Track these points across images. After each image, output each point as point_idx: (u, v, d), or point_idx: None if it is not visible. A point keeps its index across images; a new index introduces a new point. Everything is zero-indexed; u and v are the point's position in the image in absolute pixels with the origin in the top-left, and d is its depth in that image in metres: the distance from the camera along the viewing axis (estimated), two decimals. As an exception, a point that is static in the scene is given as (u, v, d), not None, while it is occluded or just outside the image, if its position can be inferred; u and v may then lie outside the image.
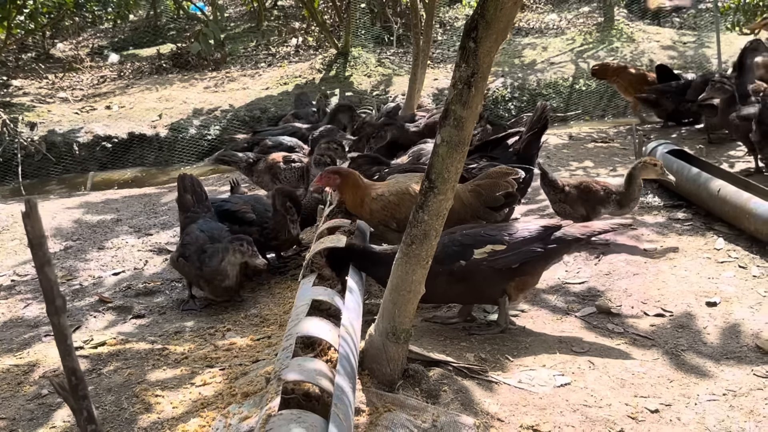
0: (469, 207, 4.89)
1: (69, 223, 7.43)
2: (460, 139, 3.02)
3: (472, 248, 4.22)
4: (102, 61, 17.55)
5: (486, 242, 4.24)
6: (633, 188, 5.67)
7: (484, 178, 5.00)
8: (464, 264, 4.18)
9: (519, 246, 4.22)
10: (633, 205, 5.79)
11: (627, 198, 5.72)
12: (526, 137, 5.79)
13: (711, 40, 14.52)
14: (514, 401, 3.53)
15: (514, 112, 13.50)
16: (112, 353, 4.44)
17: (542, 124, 5.74)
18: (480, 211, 4.90)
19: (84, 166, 12.42)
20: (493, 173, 4.99)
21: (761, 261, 5.21)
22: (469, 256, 4.19)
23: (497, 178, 4.95)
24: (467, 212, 4.87)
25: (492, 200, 4.91)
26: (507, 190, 4.89)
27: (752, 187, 5.83)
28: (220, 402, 3.53)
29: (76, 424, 3.50)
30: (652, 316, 4.59)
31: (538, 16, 18.83)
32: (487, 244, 4.23)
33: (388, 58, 15.78)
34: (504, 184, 4.90)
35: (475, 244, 4.24)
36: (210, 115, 13.20)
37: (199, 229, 5.43)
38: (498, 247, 4.21)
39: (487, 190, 4.92)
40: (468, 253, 4.21)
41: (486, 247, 4.22)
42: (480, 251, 4.20)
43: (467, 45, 2.89)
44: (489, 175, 5.00)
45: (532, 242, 4.25)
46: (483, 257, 4.19)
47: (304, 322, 3.37)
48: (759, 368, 3.90)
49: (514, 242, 4.23)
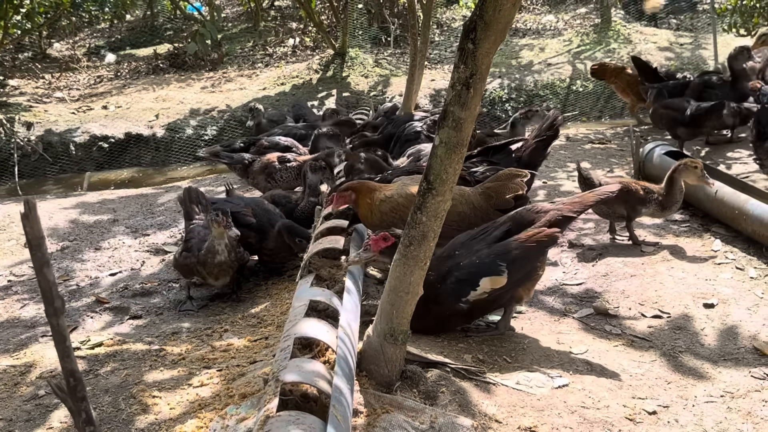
0: (479, 210, 4.88)
1: (65, 224, 7.42)
2: (458, 141, 3.01)
3: (468, 287, 4.11)
4: (99, 60, 17.53)
5: (482, 275, 4.11)
6: (674, 191, 5.60)
7: (494, 181, 5.01)
8: (465, 307, 4.16)
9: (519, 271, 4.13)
10: (675, 207, 5.71)
11: (669, 200, 5.65)
12: (533, 143, 5.77)
13: (708, 42, 14.54)
14: (512, 402, 3.53)
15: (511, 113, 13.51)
16: (109, 354, 4.43)
17: (552, 132, 5.70)
18: (490, 213, 4.89)
19: (80, 166, 12.41)
20: (502, 176, 5.01)
21: (758, 263, 5.22)
22: (467, 294, 4.12)
23: (506, 180, 4.95)
24: (477, 215, 4.87)
25: (503, 203, 4.91)
26: (517, 193, 4.90)
27: (749, 189, 5.84)
28: (218, 403, 3.52)
29: (73, 425, 3.50)
30: (649, 317, 4.59)
31: (535, 17, 18.83)
32: (483, 277, 4.10)
33: (386, 58, 15.77)
34: (513, 187, 4.91)
35: (470, 279, 4.12)
36: (207, 115, 13.19)
37: (202, 227, 5.53)
38: (497, 281, 4.09)
39: (497, 192, 4.93)
40: (465, 291, 4.12)
41: (484, 282, 4.09)
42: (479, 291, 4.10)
43: (466, 46, 2.89)
44: (498, 178, 5.01)
45: (532, 262, 4.18)
46: (483, 297, 4.12)
47: (302, 323, 3.36)
48: (756, 370, 3.90)
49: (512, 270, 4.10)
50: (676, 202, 5.68)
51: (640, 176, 7.27)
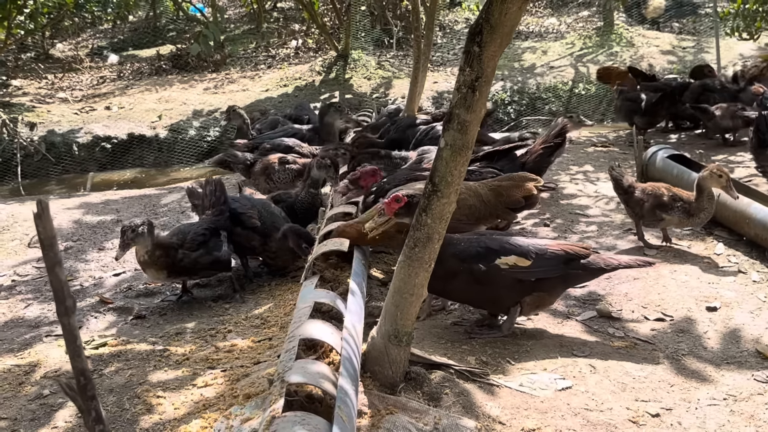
0: (488, 204, 4.92)
1: (69, 224, 7.43)
2: (464, 143, 3.03)
3: (496, 254, 4.19)
4: (101, 61, 17.57)
5: (512, 252, 4.20)
6: (702, 198, 5.49)
7: (506, 180, 5.04)
8: (484, 268, 4.16)
9: (542, 265, 4.19)
10: (704, 216, 5.55)
11: (697, 208, 5.52)
12: (539, 149, 5.78)
13: (710, 46, 14.56)
14: (516, 404, 3.54)
15: (514, 116, 13.52)
16: (114, 354, 4.44)
17: (560, 140, 5.68)
18: (499, 209, 4.92)
19: (83, 166, 12.42)
20: (516, 177, 5.07)
21: (761, 266, 5.23)
22: (491, 261, 4.18)
23: (520, 181, 5.00)
24: (486, 209, 4.90)
25: (513, 201, 4.94)
26: (529, 193, 4.93)
27: (752, 192, 5.85)
28: (222, 403, 3.53)
29: (78, 425, 3.51)
30: (652, 320, 4.60)
31: (538, 20, 18.86)
32: (512, 254, 4.19)
33: (388, 60, 15.79)
34: (526, 188, 4.94)
35: (500, 250, 4.20)
36: (210, 116, 13.21)
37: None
38: (522, 261, 4.18)
39: (508, 191, 4.95)
40: (491, 257, 4.18)
41: (511, 257, 4.18)
42: (504, 260, 4.17)
43: (471, 49, 2.90)
44: (511, 178, 5.06)
45: (557, 265, 4.22)
46: (505, 267, 4.18)
47: (307, 324, 3.37)
48: (759, 373, 3.91)
49: (539, 260, 4.19)
50: (704, 210, 5.53)
51: (643, 179, 7.28)
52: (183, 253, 5.32)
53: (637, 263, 4.36)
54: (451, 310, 4.85)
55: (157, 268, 5.29)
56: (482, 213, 4.89)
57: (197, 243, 5.39)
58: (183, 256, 5.32)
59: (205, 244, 5.42)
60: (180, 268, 5.35)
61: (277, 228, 5.69)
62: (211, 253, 5.43)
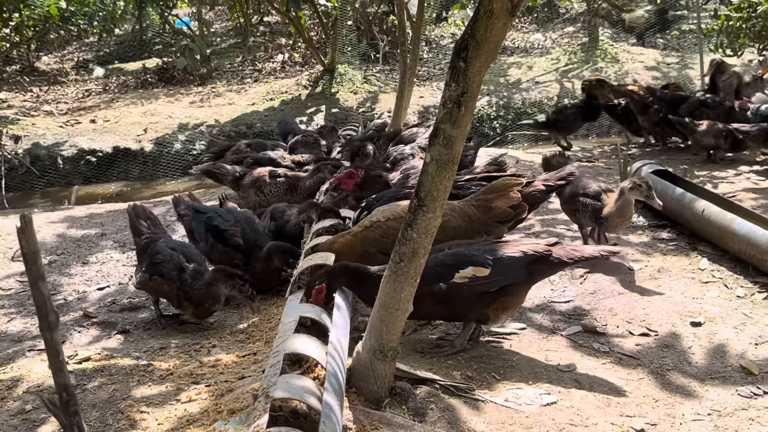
0: (476, 222, 4.81)
1: (53, 238, 7.40)
2: (449, 158, 3.03)
3: (454, 269, 4.13)
4: (87, 74, 17.53)
5: (468, 263, 4.14)
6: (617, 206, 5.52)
7: (490, 193, 4.95)
8: (444, 287, 4.13)
9: (502, 272, 4.12)
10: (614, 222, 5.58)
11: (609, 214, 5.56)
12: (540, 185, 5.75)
13: (694, 62, 14.67)
14: (501, 420, 3.53)
15: (500, 131, 13.57)
16: (97, 369, 4.41)
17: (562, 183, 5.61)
18: (489, 225, 4.85)
19: (68, 179, 12.38)
20: (499, 186, 4.95)
21: (745, 281, 5.25)
22: (449, 278, 4.13)
23: (504, 190, 4.91)
24: (474, 227, 4.80)
25: (501, 214, 4.87)
26: (517, 202, 4.88)
27: (736, 208, 5.89)
28: (206, 419, 3.51)
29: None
30: (637, 335, 4.61)
31: (524, 36, 18.97)
32: (469, 266, 4.13)
33: (375, 75, 15.84)
34: (512, 197, 4.88)
35: (457, 264, 4.14)
36: (195, 129, 13.20)
37: (169, 247, 5.33)
38: (480, 271, 4.10)
39: (495, 203, 4.88)
40: (450, 274, 4.12)
41: (468, 269, 4.12)
42: (461, 274, 4.10)
43: (457, 64, 2.91)
44: (493, 189, 4.96)
45: (517, 268, 4.15)
46: (463, 281, 4.13)
47: (292, 339, 3.36)
48: (743, 388, 3.92)
49: (497, 267, 4.11)
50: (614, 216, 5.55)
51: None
52: None
53: (601, 254, 4.27)
54: (436, 324, 4.84)
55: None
56: (469, 233, 4.80)
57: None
58: None
59: None
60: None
61: (260, 246, 5.61)
62: None
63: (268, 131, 12.88)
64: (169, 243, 5.41)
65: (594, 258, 4.31)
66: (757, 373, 4.07)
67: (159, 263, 5.19)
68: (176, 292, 5.12)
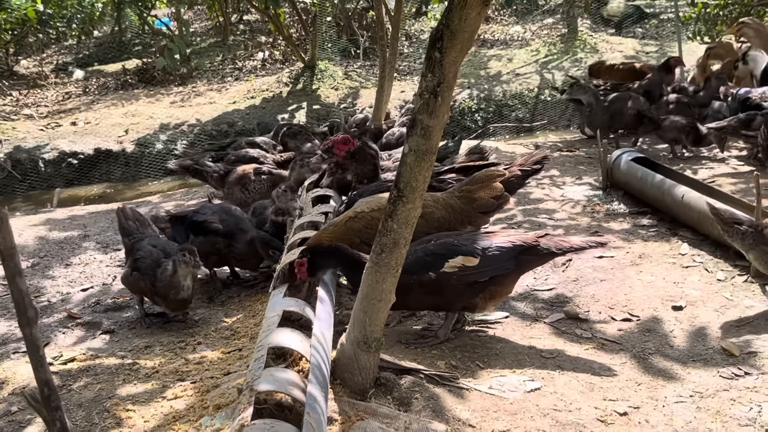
0: (460, 213, 4.84)
1: (35, 241, 7.37)
2: (427, 148, 3.05)
3: (444, 258, 4.18)
4: (67, 77, 17.43)
5: (458, 252, 4.19)
6: None
7: (473, 184, 4.99)
8: (434, 276, 4.17)
9: (491, 262, 4.18)
10: None
11: None
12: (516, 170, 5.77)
13: (673, 50, 14.75)
14: (485, 407, 3.56)
15: (481, 123, 13.60)
16: (82, 369, 4.41)
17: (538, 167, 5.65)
18: (472, 215, 4.89)
19: (50, 182, 12.32)
20: (482, 177, 4.99)
21: (725, 265, 5.29)
22: (439, 268, 4.18)
23: (487, 180, 4.95)
24: (457, 218, 4.83)
25: (485, 204, 4.91)
26: (500, 192, 4.92)
27: (716, 193, 5.93)
28: (192, 415, 3.52)
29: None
30: (619, 320, 4.65)
31: (503, 28, 19.01)
32: (458, 255, 4.19)
33: (355, 70, 15.84)
34: (495, 187, 4.92)
35: (447, 254, 4.19)
36: (177, 129, 13.16)
37: (151, 245, 5.34)
38: (470, 261, 4.16)
39: (478, 194, 4.91)
40: (439, 263, 4.18)
41: (457, 258, 4.18)
42: (451, 263, 4.16)
43: (433, 55, 2.93)
44: (477, 180, 5.00)
45: (506, 258, 4.21)
46: (453, 271, 4.18)
47: (276, 333, 3.37)
48: (725, 370, 3.96)
49: (486, 258, 4.18)
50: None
51: (608, 183, 7.36)
52: None
53: (588, 244, 4.34)
54: (420, 315, 4.87)
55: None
56: (452, 223, 4.84)
57: None
58: None
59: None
60: None
61: (242, 230, 5.68)
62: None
63: (249, 129, 12.86)
64: (152, 241, 5.41)
65: (581, 248, 4.36)
66: (738, 355, 4.11)
67: (138, 259, 5.22)
68: (149, 287, 5.14)
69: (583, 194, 7.42)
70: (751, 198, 5.23)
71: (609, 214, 6.67)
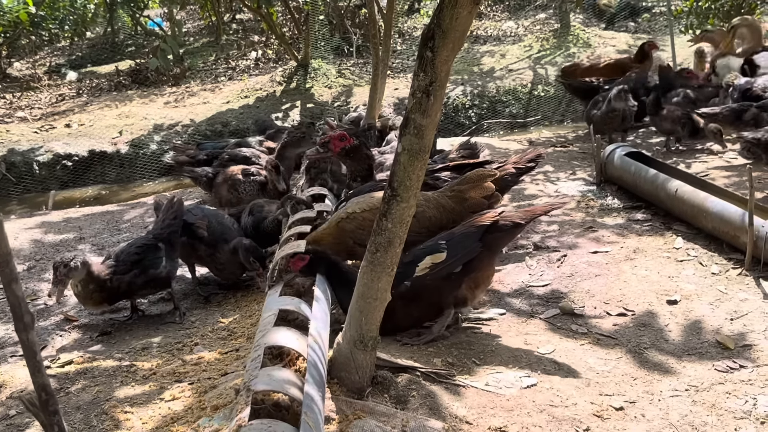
0: (451, 212, 4.87)
1: (31, 244, 7.36)
2: (420, 147, 3.06)
3: (413, 265, 4.26)
4: (60, 79, 17.39)
5: (424, 255, 4.29)
6: None
7: (465, 183, 5.02)
8: (409, 285, 4.21)
9: (457, 250, 4.26)
10: None
11: None
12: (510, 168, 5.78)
13: (665, 44, 14.75)
14: (482, 404, 3.57)
15: (475, 120, 13.62)
16: (80, 371, 4.42)
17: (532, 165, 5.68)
18: (464, 215, 4.91)
19: (44, 185, 12.28)
20: (472, 177, 5.02)
21: (720, 258, 5.32)
22: (411, 274, 4.24)
23: (478, 180, 4.98)
24: (449, 218, 4.86)
25: (476, 204, 4.93)
26: (491, 192, 4.95)
27: (709, 187, 5.95)
28: (190, 416, 3.53)
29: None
30: (614, 315, 4.67)
31: (496, 24, 19.01)
32: (425, 256, 4.27)
33: (349, 68, 15.83)
34: (486, 187, 4.95)
35: (415, 259, 4.28)
36: (171, 130, 13.14)
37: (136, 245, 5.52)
38: (437, 257, 4.25)
39: (469, 193, 4.94)
40: (410, 271, 4.24)
41: (425, 260, 4.25)
42: (421, 266, 4.24)
43: (425, 54, 2.94)
44: (467, 180, 5.02)
45: (471, 243, 4.29)
46: (425, 272, 4.24)
47: (272, 332, 3.38)
48: (720, 363, 3.98)
49: (452, 248, 4.26)
50: None
51: (602, 178, 7.38)
52: (117, 278, 5.15)
53: (551, 207, 4.70)
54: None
55: (94, 302, 5.17)
56: (444, 222, 4.86)
57: (130, 263, 5.23)
58: (118, 281, 5.16)
59: (140, 263, 5.25)
60: (117, 294, 5.24)
61: (226, 240, 5.66)
62: (147, 271, 5.27)
63: (243, 129, 12.86)
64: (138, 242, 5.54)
65: (544, 212, 4.61)
66: (733, 348, 4.14)
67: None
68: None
69: (577, 189, 7.45)
70: (745, 191, 5.24)
71: (603, 209, 6.69)
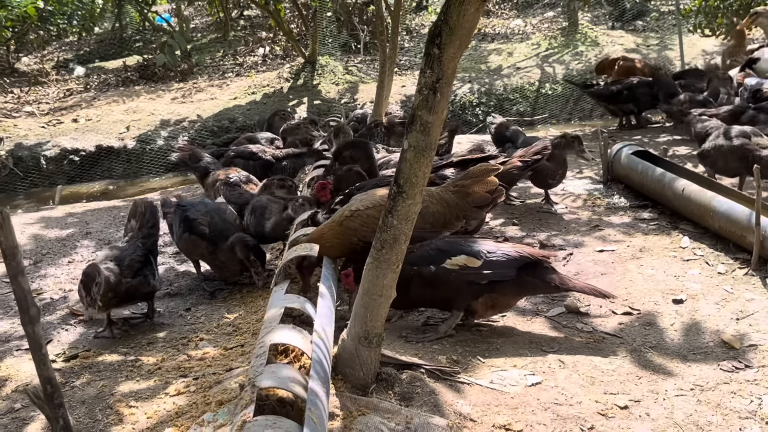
0: (455, 207, 4.85)
1: (37, 238, 7.38)
2: (427, 144, 3.06)
3: (446, 254, 4.26)
4: (68, 74, 17.42)
5: (462, 252, 4.26)
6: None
7: (468, 178, 5.00)
8: (433, 270, 4.22)
9: (492, 267, 4.22)
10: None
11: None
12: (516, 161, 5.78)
13: (674, 43, 14.73)
14: (486, 401, 3.57)
15: (482, 117, 13.60)
16: (85, 366, 4.43)
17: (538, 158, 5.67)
18: (467, 210, 4.90)
19: (52, 180, 12.29)
20: (475, 172, 5.00)
21: (726, 258, 5.31)
22: (440, 263, 4.23)
23: (481, 175, 4.96)
24: (452, 213, 4.84)
25: (480, 199, 4.92)
26: (494, 186, 4.93)
27: (716, 186, 5.94)
28: (195, 411, 3.54)
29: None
30: (620, 314, 4.66)
31: (504, 22, 18.98)
32: (462, 254, 4.25)
33: (356, 65, 15.83)
34: (490, 181, 4.93)
35: (451, 251, 4.27)
36: (178, 126, 13.16)
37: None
38: (472, 261, 4.23)
39: (472, 188, 4.92)
40: (441, 259, 4.24)
41: (460, 257, 4.24)
42: (453, 261, 4.23)
43: (431, 51, 2.94)
44: (471, 175, 5.00)
45: (507, 266, 4.24)
46: (454, 268, 4.23)
47: (277, 329, 3.39)
48: (725, 363, 3.98)
49: (488, 262, 4.23)
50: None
51: (609, 177, 7.37)
52: (126, 282, 4.96)
53: (593, 292, 4.36)
54: (421, 311, 4.88)
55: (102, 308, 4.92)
56: (448, 218, 4.84)
57: (135, 269, 5.06)
58: (127, 285, 4.96)
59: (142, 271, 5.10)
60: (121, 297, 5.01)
61: (226, 237, 5.65)
62: (149, 282, 5.14)
63: (250, 125, 12.87)
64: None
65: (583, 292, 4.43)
66: (739, 348, 4.13)
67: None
68: None
69: (584, 188, 7.44)
70: (752, 191, 5.23)
71: (609, 208, 6.68)
